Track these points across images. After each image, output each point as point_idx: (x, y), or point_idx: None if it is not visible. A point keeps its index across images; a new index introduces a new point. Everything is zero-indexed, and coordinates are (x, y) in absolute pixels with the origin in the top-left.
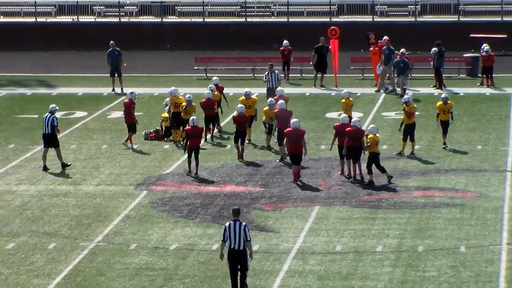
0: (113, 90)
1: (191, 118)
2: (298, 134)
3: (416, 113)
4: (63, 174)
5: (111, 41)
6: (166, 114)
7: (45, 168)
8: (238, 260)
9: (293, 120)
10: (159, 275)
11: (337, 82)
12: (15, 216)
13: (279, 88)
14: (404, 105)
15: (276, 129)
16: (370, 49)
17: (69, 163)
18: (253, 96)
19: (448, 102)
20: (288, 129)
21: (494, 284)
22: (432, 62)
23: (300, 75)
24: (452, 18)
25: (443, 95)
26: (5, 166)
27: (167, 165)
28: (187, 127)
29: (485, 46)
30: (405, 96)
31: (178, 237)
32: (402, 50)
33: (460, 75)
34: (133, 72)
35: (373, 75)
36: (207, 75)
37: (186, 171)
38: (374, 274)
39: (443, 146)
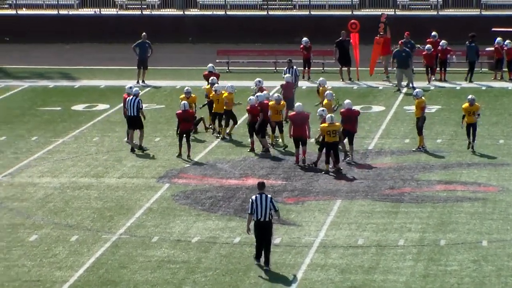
0: (138, 82)
1: (182, 102)
2: (303, 117)
3: (438, 107)
4: (85, 167)
5: (143, 33)
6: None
7: (133, 150)
8: (264, 231)
9: (297, 104)
10: (181, 268)
11: (359, 76)
12: (38, 208)
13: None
14: (414, 98)
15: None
16: (376, 37)
17: (147, 149)
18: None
19: (475, 104)
20: (292, 113)
21: None
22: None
23: (322, 68)
24: (474, 11)
25: (469, 97)
26: (28, 159)
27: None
28: (179, 111)
29: (499, 39)
30: (416, 90)
31: (200, 230)
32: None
33: (482, 69)
34: (155, 65)
35: (371, 63)
36: (229, 68)
37: (184, 154)
38: (396, 268)
39: (471, 150)
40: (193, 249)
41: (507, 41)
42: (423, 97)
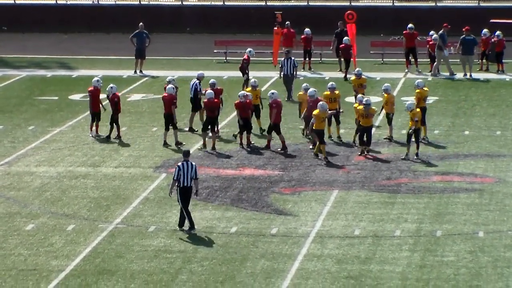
0: (135, 72)
1: (109, 86)
2: (317, 101)
3: (436, 98)
4: (82, 156)
5: (141, 23)
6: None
7: (192, 130)
8: (187, 195)
9: (311, 89)
10: (177, 258)
11: (356, 67)
12: (35, 197)
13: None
14: (415, 88)
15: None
16: (275, 28)
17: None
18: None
19: (414, 109)
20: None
21: None
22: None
23: (319, 59)
24: (473, 3)
25: (408, 102)
26: (25, 148)
27: (186, 148)
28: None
29: (485, 31)
30: (417, 80)
31: (197, 220)
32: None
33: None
34: (153, 55)
35: (273, 54)
36: (227, 58)
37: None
38: (393, 259)
39: (415, 157)
40: (190, 239)
41: (498, 32)
42: (424, 88)
